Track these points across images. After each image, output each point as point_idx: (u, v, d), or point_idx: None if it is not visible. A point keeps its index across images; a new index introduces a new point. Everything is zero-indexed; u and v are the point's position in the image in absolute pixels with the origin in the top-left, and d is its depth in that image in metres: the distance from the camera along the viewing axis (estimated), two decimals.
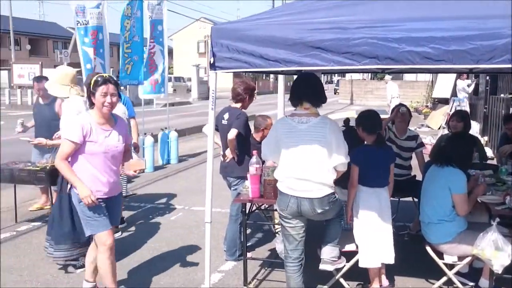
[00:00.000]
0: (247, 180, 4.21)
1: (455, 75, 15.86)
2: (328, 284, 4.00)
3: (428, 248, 3.95)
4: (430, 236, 3.91)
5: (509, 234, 3.74)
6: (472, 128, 6.03)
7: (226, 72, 3.46)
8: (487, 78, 12.55)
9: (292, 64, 3.17)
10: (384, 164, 3.87)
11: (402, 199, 5.49)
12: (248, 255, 4.41)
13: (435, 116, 17.24)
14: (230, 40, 3.33)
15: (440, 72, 9.37)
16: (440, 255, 3.91)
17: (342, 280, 3.99)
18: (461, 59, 2.82)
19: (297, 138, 3.39)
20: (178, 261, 4.86)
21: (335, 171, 3.45)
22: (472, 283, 4.06)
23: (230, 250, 4.85)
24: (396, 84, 17.91)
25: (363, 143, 4.05)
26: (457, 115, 5.36)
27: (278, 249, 4.07)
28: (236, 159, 4.72)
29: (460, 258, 3.85)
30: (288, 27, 3.21)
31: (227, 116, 4.80)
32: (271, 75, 29.97)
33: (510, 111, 9.12)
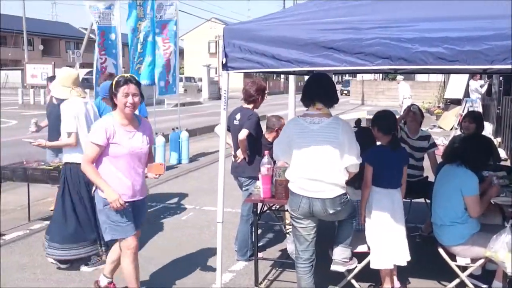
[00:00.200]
0: (258, 180, 4.22)
1: (467, 76, 15.71)
2: (340, 285, 3.99)
3: (440, 250, 3.92)
4: (442, 238, 3.88)
5: None
6: (485, 129, 5.97)
7: (238, 72, 3.47)
8: (501, 78, 12.40)
9: (304, 65, 3.17)
10: (398, 165, 3.85)
11: (413, 200, 5.46)
12: (259, 255, 4.41)
13: (447, 117, 17.06)
14: (242, 40, 3.34)
15: (453, 72, 9.27)
16: (453, 257, 3.87)
17: (353, 281, 3.97)
18: (475, 59, 2.80)
19: (309, 138, 3.38)
20: (189, 261, 4.88)
21: (346, 172, 3.44)
22: (485, 286, 4.02)
23: (241, 250, 4.86)
24: (408, 85, 17.78)
25: (375, 143, 4.03)
26: (469, 116, 5.31)
27: (289, 249, 4.07)
28: (247, 159, 4.74)
29: (473, 260, 3.82)
30: (300, 27, 3.22)
31: (239, 116, 4.81)
32: (282, 75, 29.90)
33: None
